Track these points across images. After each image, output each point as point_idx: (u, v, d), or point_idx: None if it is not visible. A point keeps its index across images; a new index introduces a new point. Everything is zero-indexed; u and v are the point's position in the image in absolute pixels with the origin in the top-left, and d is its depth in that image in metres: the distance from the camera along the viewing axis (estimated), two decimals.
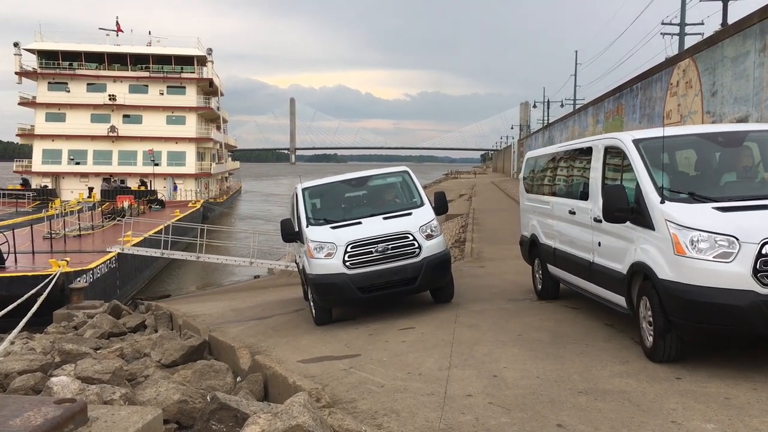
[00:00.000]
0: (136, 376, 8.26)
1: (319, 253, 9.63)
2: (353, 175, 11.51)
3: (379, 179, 11.60)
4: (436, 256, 9.71)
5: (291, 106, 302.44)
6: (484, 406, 5.41)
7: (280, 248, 27.81)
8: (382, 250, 9.47)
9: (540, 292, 9.99)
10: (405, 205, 10.64)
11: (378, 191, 11.43)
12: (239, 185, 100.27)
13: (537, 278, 10.08)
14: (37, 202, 49.92)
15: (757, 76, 15.79)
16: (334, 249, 9.54)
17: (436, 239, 9.89)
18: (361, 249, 9.48)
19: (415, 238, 9.62)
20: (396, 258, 9.52)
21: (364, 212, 10.47)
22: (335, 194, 11.39)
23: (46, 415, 3.66)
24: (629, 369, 6.10)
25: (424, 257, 9.59)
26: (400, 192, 11.28)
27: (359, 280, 9.42)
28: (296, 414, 4.66)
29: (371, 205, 10.90)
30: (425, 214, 10.21)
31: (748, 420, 4.77)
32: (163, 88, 62.43)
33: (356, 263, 9.45)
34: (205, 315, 13.21)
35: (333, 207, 11.00)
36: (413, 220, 9.94)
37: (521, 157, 77.91)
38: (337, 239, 9.61)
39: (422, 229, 9.77)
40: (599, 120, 34.25)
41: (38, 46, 59.87)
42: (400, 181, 11.35)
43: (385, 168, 12.09)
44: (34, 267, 21.54)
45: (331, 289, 9.50)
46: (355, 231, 9.73)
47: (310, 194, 11.00)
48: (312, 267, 9.72)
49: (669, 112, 22.62)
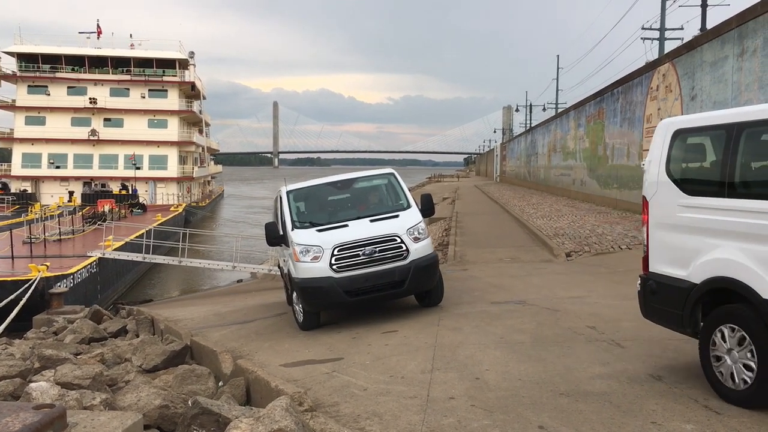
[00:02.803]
0: (117, 382, 8.19)
1: (305, 256, 9.49)
2: (338, 178, 11.33)
3: (365, 182, 11.42)
4: (423, 258, 9.58)
5: (274, 109, 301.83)
6: (466, 408, 5.43)
7: (262, 252, 27.76)
8: (369, 253, 9.33)
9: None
10: (391, 208, 10.48)
11: (364, 194, 11.27)
12: (222, 189, 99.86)
13: (728, 373, 5.17)
14: (17, 207, 49.46)
15: (735, 81, 16.02)
16: (320, 252, 9.41)
17: (424, 242, 9.76)
18: (347, 252, 9.34)
19: (403, 241, 9.50)
20: (383, 261, 9.38)
21: (350, 215, 10.34)
22: (320, 197, 11.20)
23: (25, 421, 3.62)
24: (610, 371, 6.15)
25: (411, 260, 9.46)
26: (386, 194, 11.11)
27: (346, 283, 9.28)
28: (278, 418, 4.65)
29: (357, 207, 10.75)
30: (412, 216, 10.08)
31: (727, 420, 4.82)
32: (145, 92, 62.02)
33: (343, 266, 9.32)
34: (187, 319, 13.13)
35: (318, 210, 10.82)
36: (400, 223, 9.82)
37: (504, 160, 78.47)
38: (323, 242, 9.47)
39: (409, 232, 9.64)
40: (581, 124, 34.53)
41: (18, 49, 59.27)
42: (386, 184, 11.17)
43: (370, 170, 11.98)
44: (14, 272, 21.32)
45: (318, 293, 9.34)
46: (341, 234, 9.59)
47: (295, 197, 10.78)
48: (298, 271, 9.57)
49: (649, 116, 22.86)
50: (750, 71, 15.15)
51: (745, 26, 15.39)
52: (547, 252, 17.25)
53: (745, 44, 15.43)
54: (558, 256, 16.12)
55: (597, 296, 10.22)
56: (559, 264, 15.10)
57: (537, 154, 51.04)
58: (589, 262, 14.83)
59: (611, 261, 14.38)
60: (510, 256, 16.92)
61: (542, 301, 9.88)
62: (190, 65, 64.73)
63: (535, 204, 32.97)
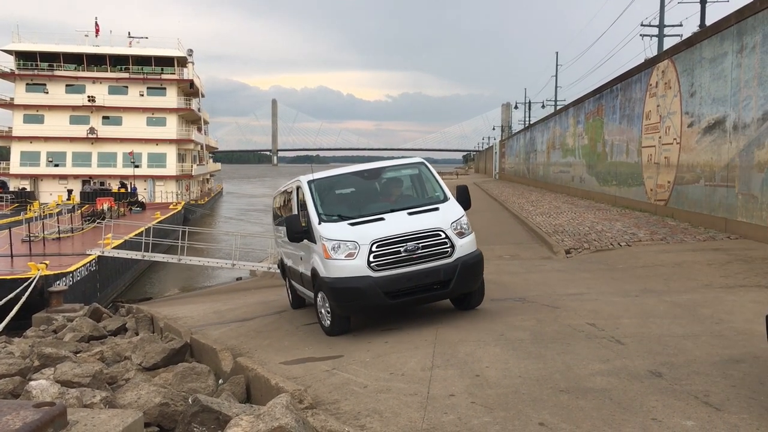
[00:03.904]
0: (117, 380, 8.20)
1: (337, 253, 8.50)
2: (365, 167, 10.35)
3: (394, 171, 10.40)
4: (470, 256, 8.74)
5: (273, 107, 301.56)
6: (466, 405, 5.43)
7: (262, 250, 27.76)
8: (411, 249, 8.42)
9: None
10: (428, 200, 9.56)
11: (394, 184, 10.26)
12: (221, 187, 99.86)
13: None
14: (16, 205, 49.46)
15: (735, 77, 16.01)
16: (355, 248, 8.43)
17: (469, 237, 8.90)
18: (387, 248, 8.40)
19: (448, 236, 8.62)
20: (426, 258, 8.50)
21: (382, 207, 9.36)
22: (347, 187, 10.18)
23: (25, 419, 3.61)
24: (610, 367, 6.15)
25: (457, 257, 8.61)
26: (419, 185, 10.15)
27: (387, 283, 8.34)
28: (279, 415, 4.64)
29: (388, 199, 9.81)
30: (454, 209, 9.17)
31: (727, 417, 4.82)
32: (143, 90, 62.03)
33: (383, 264, 8.39)
34: (187, 317, 13.13)
35: (346, 201, 9.78)
36: (442, 216, 8.90)
37: (503, 158, 78.40)
38: (358, 237, 8.49)
39: (454, 226, 8.75)
40: (580, 120, 34.52)
41: (16, 47, 59.25)
42: (417, 174, 10.18)
43: (397, 159, 10.98)
44: (13, 270, 21.32)
45: (354, 295, 8.36)
46: (378, 228, 8.62)
47: (318, 187, 9.64)
48: (328, 269, 8.58)
49: (648, 112, 22.85)
50: (749, 67, 15.15)
51: (745, 22, 15.38)
52: (547, 249, 17.26)
53: (745, 40, 15.42)
54: (557, 253, 16.13)
55: (596, 293, 10.22)
56: (558, 261, 15.11)
57: (536, 151, 51.03)
58: (589, 259, 14.84)
59: (611, 258, 14.38)
60: (509, 253, 16.92)
61: (542, 298, 9.88)
62: (188, 63, 64.76)
63: (534, 201, 32.98)
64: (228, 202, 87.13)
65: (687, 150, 18.99)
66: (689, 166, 18.74)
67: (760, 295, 9.26)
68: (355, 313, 8.92)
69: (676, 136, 19.83)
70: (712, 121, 17.33)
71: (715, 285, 10.34)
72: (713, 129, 17.16)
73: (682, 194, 19.22)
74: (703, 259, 12.72)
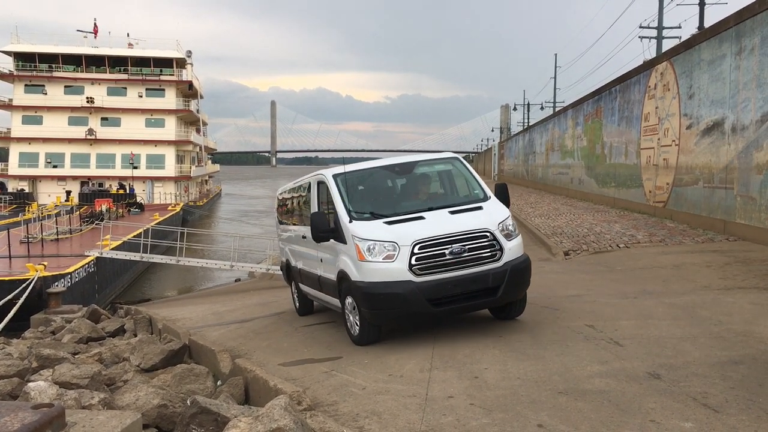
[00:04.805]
0: (115, 381, 8.18)
1: (373, 255, 7.72)
2: (396, 161, 9.54)
3: (427, 166, 9.55)
4: (519, 260, 8.01)
5: (272, 108, 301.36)
6: (465, 407, 5.42)
7: (260, 251, 27.75)
8: (457, 252, 7.66)
9: None
10: (468, 198, 8.81)
11: (428, 180, 9.47)
12: (219, 188, 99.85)
13: None
14: (14, 206, 49.47)
15: (734, 79, 16.03)
16: (395, 250, 7.66)
17: (516, 240, 8.16)
18: (431, 250, 7.64)
19: (496, 238, 7.88)
20: (473, 262, 7.75)
21: (419, 205, 8.62)
22: (377, 183, 9.31)
23: (23, 420, 3.61)
24: (608, 369, 6.15)
25: (506, 262, 7.86)
26: (455, 182, 9.35)
27: (430, 289, 7.57)
28: (277, 417, 4.64)
29: (423, 196, 9.07)
30: (498, 209, 8.41)
31: (726, 418, 4.82)
32: (142, 91, 62.02)
33: (425, 268, 7.62)
34: (185, 319, 13.12)
35: (378, 198, 8.98)
36: (488, 216, 8.15)
37: (502, 159, 78.44)
38: (398, 237, 7.72)
39: (500, 227, 8.01)
40: (578, 122, 34.55)
41: (15, 48, 59.22)
42: (452, 169, 9.36)
43: (429, 154, 10.14)
44: (11, 271, 21.31)
45: (393, 301, 7.57)
46: (420, 227, 7.87)
47: (346, 182, 8.78)
48: (363, 272, 7.78)
49: (647, 114, 22.87)
50: (748, 69, 15.17)
51: (743, 24, 15.41)
52: (546, 251, 17.26)
53: (743, 42, 15.44)
54: (556, 255, 16.14)
55: (595, 295, 10.23)
56: (557, 263, 15.12)
57: (535, 152, 51.07)
58: (588, 260, 14.84)
59: (609, 259, 14.38)
60: None
61: (540, 300, 9.87)
62: (187, 64, 64.75)
63: (533, 203, 33.01)
64: (227, 204, 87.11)
65: (686, 152, 19.01)
66: (688, 168, 18.75)
67: (758, 296, 9.27)
68: (388, 321, 8.08)
69: (675, 138, 19.85)
70: (710, 123, 17.35)
71: (713, 287, 10.35)
72: (712, 131, 17.18)
73: (681, 196, 19.23)
74: (701, 260, 12.73)
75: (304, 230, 9.77)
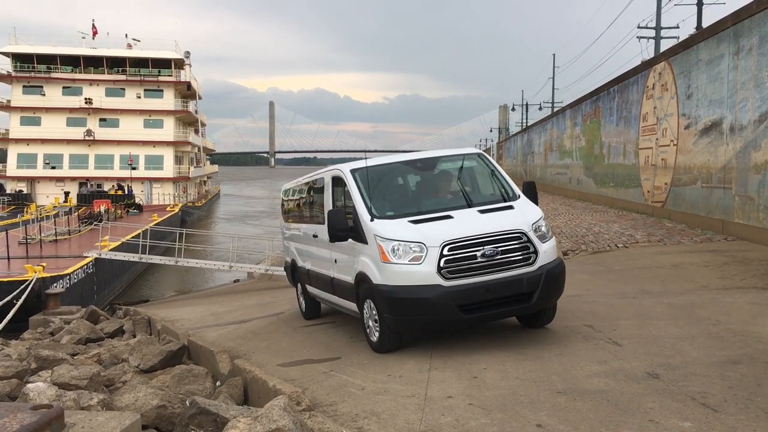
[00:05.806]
0: (114, 382, 8.18)
1: (397, 256, 7.19)
2: (417, 156, 9.00)
3: (450, 162, 8.92)
4: (553, 264, 7.48)
5: (270, 109, 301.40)
6: (464, 407, 5.43)
7: (259, 252, 27.76)
8: (489, 254, 7.09)
9: None
10: (496, 197, 8.22)
11: (453, 177, 8.72)
12: (218, 189, 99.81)
13: None
14: (12, 207, 49.43)
15: (731, 79, 16.04)
16: (422, 251, 7.10)
17: (550, 242, 7.62)
18: (461, 252, 7.08)
19: (530, 240, 7.32)
20: (506, 266, 7.17)
21: (446, 203, 8.09)
22: (398, 180, 8.75)
23: (23, 421, 3.61)
24: (607, 369, 6.15)
25: (540, 265, 7.31)
26: (481, 179, 8.76)
27: (461, 295, 6.99)
28: (276, 417, 4.64)
29: (449, 194, 8.46)
30: (531, 208, 7.87)
31: (724, 418, 4.83)
32: (141, 92, 61.96)
33: (455, 272, 7.05)
34: (184, 319, 13.12)
35: (400, 196, 8.44)
36: (521, 216, 7.58)
37: (500, 159, 78.50)
38: (426, 238, 7.15)
39: (534, 228, 7.46)
40: (577, 122, 34.57)
41: (13, 49, 59.15)
42: (477, 166, 8.80)
43: (452, 149, 9.62)
44: (10, 272, 21.28)
45: (420, 307, 7.03)
46: (449, 227, 7.30)
47: (365, 178, 8.17)
48: (386, 275, 7.24)
49: (645, 114, 22.89)
50: (746, 69, 15.19)
51: (741, 25, 15.42)
52: None
53: (741, 42, 15.46)
54: None
55: (594, 295, 10.23)
56: None
57: (533, 153, 51.09)
58: (586, 260, 14.84)
59: (608, 259, 14.39)
60: None
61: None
62: (185, 65, 64.69)
63: None
64: (225, 204, 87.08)
65: (684, 152, 19.03)
66: (686, 168, 18.77)
67: (757, 296, 9.28)
68: (412, 327, 7.46)
69: (673, 138, 19.87)
70: (708, 123, 17.36)
71: (712, 286, 10.36)
72: (710, 131, 17.19)
73: (679, 196, 19.25)
74: (700, 260, 12.74)
75: (316, 228, 9.39)
